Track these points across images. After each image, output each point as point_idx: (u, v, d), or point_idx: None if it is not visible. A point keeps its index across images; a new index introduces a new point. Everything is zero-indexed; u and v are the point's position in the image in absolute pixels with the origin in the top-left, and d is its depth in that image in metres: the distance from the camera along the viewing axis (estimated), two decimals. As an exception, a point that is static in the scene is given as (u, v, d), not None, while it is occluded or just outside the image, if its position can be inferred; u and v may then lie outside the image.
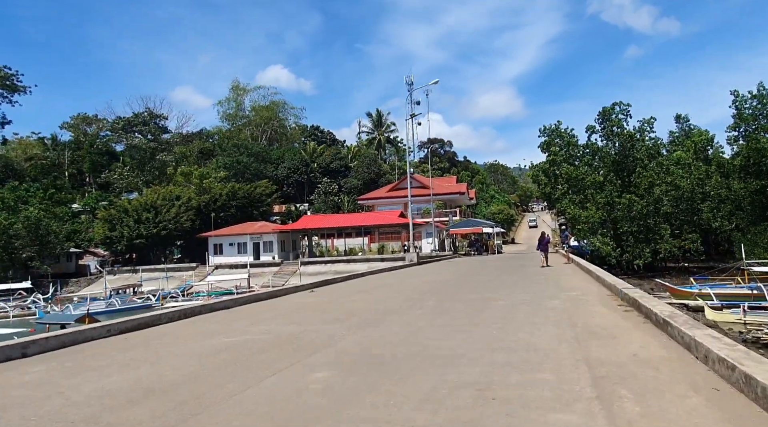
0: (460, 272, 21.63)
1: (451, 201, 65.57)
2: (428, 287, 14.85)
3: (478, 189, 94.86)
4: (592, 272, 15.34)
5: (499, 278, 16.99)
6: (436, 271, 22.98)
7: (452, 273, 20.71)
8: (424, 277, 19.70)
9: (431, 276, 19.52)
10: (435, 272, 22.30)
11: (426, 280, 17.70)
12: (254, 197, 63.49)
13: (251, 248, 54.65)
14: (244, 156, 71.20)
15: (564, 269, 19.98)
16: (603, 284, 12.37)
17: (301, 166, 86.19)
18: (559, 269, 20.83)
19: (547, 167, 40.03)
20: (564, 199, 38.39)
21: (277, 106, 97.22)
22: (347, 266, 46.45)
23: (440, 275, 19.54)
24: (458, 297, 11.82)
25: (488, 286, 14.43)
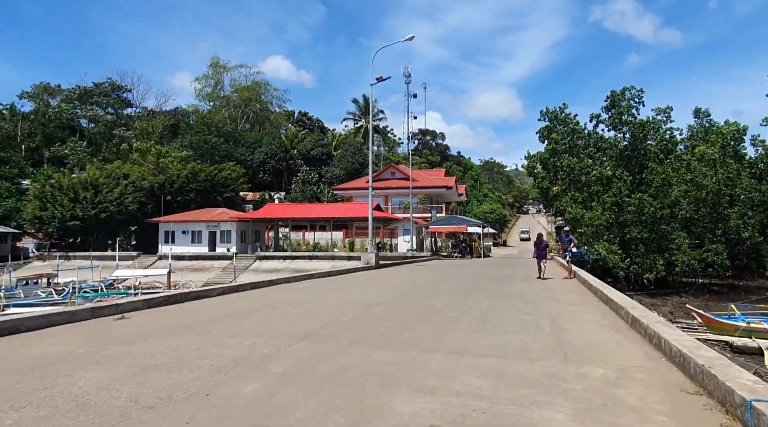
0: (417, 284, 15.29)
1: (437, 196, 59.21)
2: (345, 314, 8.49)
3: (470, 186, 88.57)
4: (616, 303, 9.00)
5: (464, 301, 10.65)
6: (387, 281, 16.63)
7: (404, 286, 14.38)
8: (361, 290, 13.41)
9: (370, 292, 13.24)
10: (383, 283, 15.97)
11: (354, 298, 11.40)
12: (218, 181, 56.92)
13: (207, 238, 48.21)
14: (213, 136, 64.46)
15: (566, 289, 13.67)
16: (649, 338, 5.97)
17: (280, 151, 79.74)
18: (558, 287, 14.52)
19: (546, 158, 33.71)
20: (564, 196, 32.08)
21: (259, 86, 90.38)
22: (309, 263, 40.09)
23: (382, 291, 13.22)
24: (358, 352, 5.42)
25: (435, 321, 8.07)
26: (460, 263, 31.71)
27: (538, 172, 34.76)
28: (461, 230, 40.91)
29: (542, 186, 33.92)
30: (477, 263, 30.43)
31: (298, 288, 13.82)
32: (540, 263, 18.65)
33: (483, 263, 30.56)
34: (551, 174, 33.86)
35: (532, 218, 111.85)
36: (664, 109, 33.47)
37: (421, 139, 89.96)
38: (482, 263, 30.59)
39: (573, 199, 31.43)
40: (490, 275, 19.31)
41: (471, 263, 31.82)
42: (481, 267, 25.49)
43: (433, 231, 40.35)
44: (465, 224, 38.96)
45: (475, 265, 28.01)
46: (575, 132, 33.48)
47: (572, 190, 31.69)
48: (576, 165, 31.09)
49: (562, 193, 32.32)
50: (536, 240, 19.46)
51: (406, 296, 11.81)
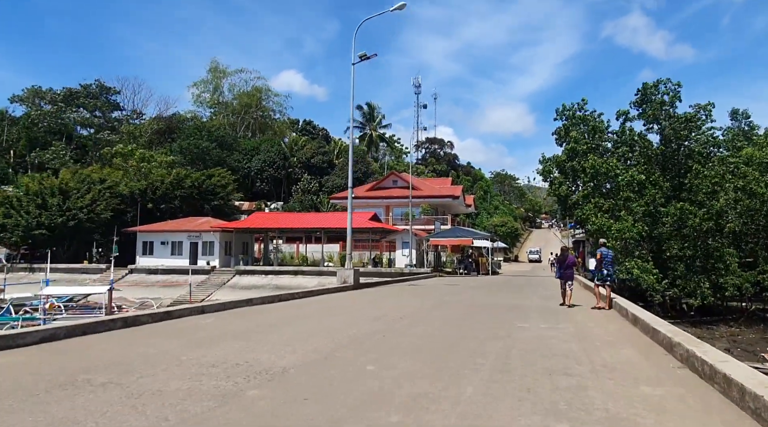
0: (387, 318, 10.57)
1: (442, 206, 54.42)
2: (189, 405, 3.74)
3: (480, 198, 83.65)
4: (736, 384, 4.16)
5: (438, 372, 5.80)
6: (347, 313, 11.97)
7: (362, 325, 9.71)
8: (288, 332, 8.74)
9: (299, 335, 8.52)
10: (339, 317, 11.32)
11: (252, 357, 6.60)
12: (206, 188, 52.67)
13: (188, 249, 43.78)
14: (204, 140, 60.41)
15: (612, 336, 8.81)
16: None
17: (279, 159, 75.66)
18: (597, 328, 9.70)
19: (563, 160, 28.87)
20: (586, 204, 27.16)
21: (260, 92, 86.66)
22: (293, 279, 35.48)
23: (320, 334, 8.52)
24: None
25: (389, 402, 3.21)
26: (462, 281, 26.81)
27: (555, 178, 29.90)
28: (466, 243, 36.06)
29: (559, 193, 29.03)
30: (482, 283, 25.52)
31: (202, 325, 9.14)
32: (564, 286, 13.94)
33: (489, 283, 25.64)
34: (570, 179, 28.98)
35: (547, 232, 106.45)
36: (704, 105, 28.53)
37: (428, 148, 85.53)
38: (488, 283, 25.67)
39: (597, 208, 26.51)
40: (494, 303, 14.46)
41: (476, 282, 26.91)
42: (486, 289, 20.60)
43: (435, 244, 35.61)
44: (471, 237, 34.16)
45: (480, 285, 23.12)
46: (597, 130, 28.63)
47: (596, 197, 26.77)
48: (602, 167, 26.21)
49: (583, 200, 27.39)
50: (559, 255, 14.73)
51: (347, 348, 7.05)
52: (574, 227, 31.24)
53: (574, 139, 27.79)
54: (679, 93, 27.67)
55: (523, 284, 24.46)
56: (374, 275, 33.37)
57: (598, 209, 26.52)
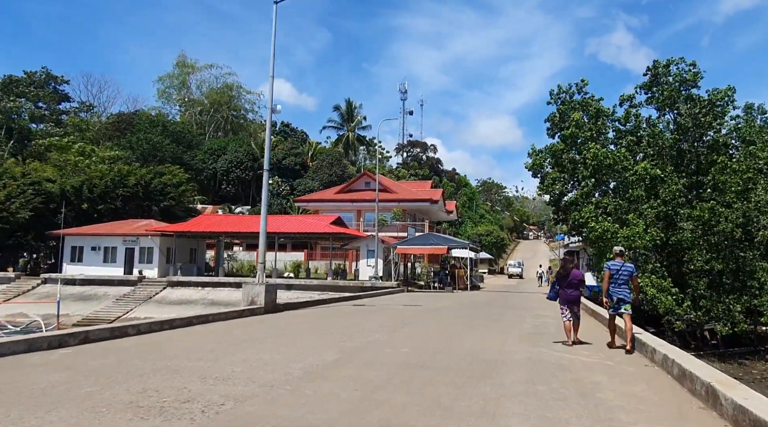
0: (240, 394, 4.67)
1: (419, 212, 48.93)
2: None
3: (464, 205, 78.38)
4: None
5: None
6: (221, 359, 6.07)
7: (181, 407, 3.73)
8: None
9: None
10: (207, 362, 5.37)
11: None
12: (155, 187, 46.70)
13: (123, 255, 37.76)
14: (158, 135, 54.48)
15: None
16: None
17: (247, 160, 69.92)
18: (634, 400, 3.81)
19: (560, 150, 23.57)
20: (586, 205, 21.79)
21: (230, 89, 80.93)
22: (233, 293, 29.64)
23: None
24: None
25: None
26: (429, 300, 21.13)
27: (548, 174, 24.53)
28: (439, 252, 30.48)
29: (552, 190, 23.66)
30: (454, 302, 19.87)
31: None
32: (568, 313, 8.54)
33: (462, 303, 20.00)
34: (567, 174, 23.64)
35: (536, 243, 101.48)
36: (725, 89, 23.40)
37: (411, 151, 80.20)
38: (461, 303, 20.04)
39: (599, 209, 21.17)
40: (451, 349, 8.74)
41: (447, 301, 21.27)
42: (454, 314, 15.00)
43: (402, 252, 30.04)
44: (446, 244, 28.58)
45: (449, 307, 17.48)
46: (601, 115, 23.38)
47: (599, 196, 21.44)
48: (606, 157, 20.90)
49: (582, 199, 22.02)
50: (560, 269, 9.29)
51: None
52: (569, 234, 25.82)
53: (575, 124, 22.45)
54: (700, 73, 22.54)
55: (504, 306, 18.89)
56: (328, 289, 27.77)
57: (600, 211, 21.15)
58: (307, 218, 38.23)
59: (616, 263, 8.64)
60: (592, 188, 21.92)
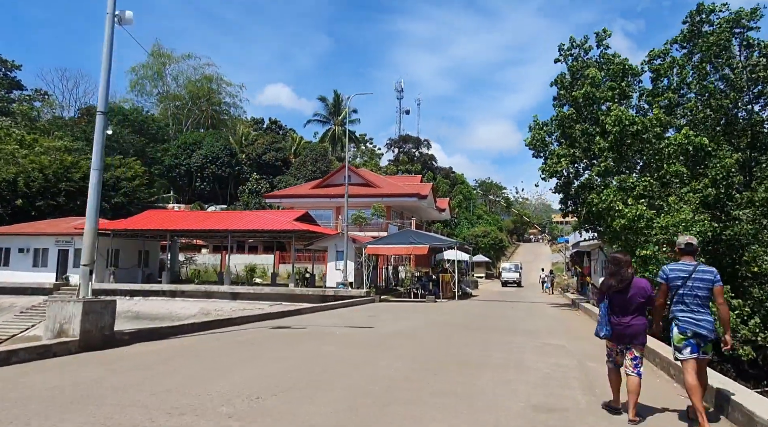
0: None
1: (405, 208, 43.40)
2: None
3: (460, 205, 72.87)
4: None
5: None
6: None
7: None
8: None
9: None
10: None
11: None
12: (106, 182, 41.18)
13: (56, 258, 32.24)
14: (116, 125, 49.02)
15: None
16: None
17: (224, 155, 64.43)
18: None
19: (569, 119, 18.08)
20: (606, 187, 16.28)
21: (210, 80, 75.64)
22: (168, 303, 24.16)
23: None
24: None
25: None
26: (387, 319, 15.43)
27: (553, 151, 18.97)
28: (419, 252, 24.83)
29: (558, 171, 18.13)
30: (422, 324, 14.20)
31: None
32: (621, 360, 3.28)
33: (433, 324, 14.32)
34: (579, 149, 18.14)
35: (538, 246, 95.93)
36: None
37: (402, 147, 74.67)
38: (432, 323, 14.36)
39: (623, 189, 15.68)
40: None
41: (413, 319, 15.61)
42: (406, 353, 9.29)
43: (373, 252, 24.34)
44: (427, 243, 22.89)
45: (406, 335, 11.68)
46: (628, 72, 17.91)
47: (624, 173, 15.97)
48: (635, 122, 15.44)
49: (602, 177, 16.52)
50: (611, 276, 3.49)
51: None
52: (582, 227, 20.19)
53: (591, 82, 16.98)
54: (760, 10, 17.06)
55: (494, 327, 13.30)
56: (282, 299, 22.33)
57: (624, 193, 15.65)
58: (267, 214, 32.72)
59: (681, 267, 4.55)
60: (612, 165, 16.41)
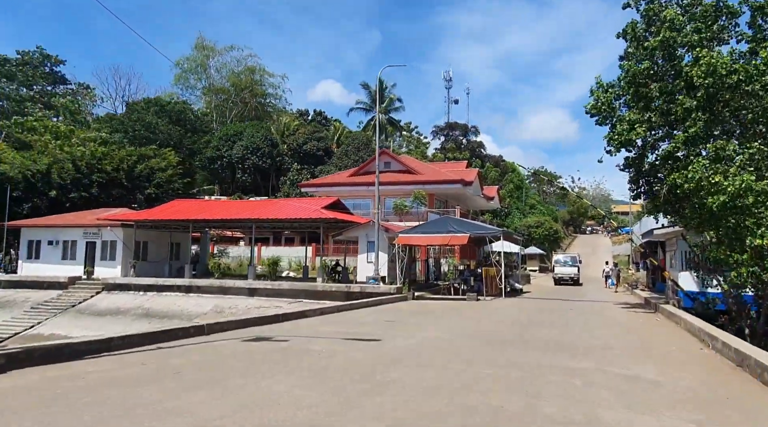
0: None
1: (450, 196, 40.08)
2: None
3: (510, 193, 68.52)
4: None
5: None
6: None
7: None
8: None
9: None
10: None
11: None
12: (139, 173, 40.24)
13: (84, 250, 31.17)
14: (151, 115, 48.17)
15: None
16: None
17: (265, 146, 62.95)
18: None
19: (643, 74, 14.31)
20: (697, 155, 12.52)
21: (252, 72, 74.57)
22: (181, 300, 22.11)
23: None
24: None
25: None
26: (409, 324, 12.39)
27: (622, 117, 15.21)
28: (458, 243, 21.41)
29: (630, 139, 14.40)
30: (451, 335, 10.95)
31: None
32: None
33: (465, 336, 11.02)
34: (656, 113, 14.37)
35: (596, 237, 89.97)
36: None
37: (448, 134, 70.91)
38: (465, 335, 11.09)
39: (721, 161, 11.91)
40: None
41: (441, 327, 12.46)
42: (369, 413, 6.28)
43: (405, 243, 21.19)
44: (467, 232, 19.57)
45: (423, 353, 8.56)
46: (723, 12, 13.96)
47: (717, 139, 12.19)
48: (735, 72, 11.65)
49: (687, 148, 12.77)
50: None
51: None
52: (658, 211, 16.28)
53: (670, 25, 13.23)
54: None
55: (547, 343, 10.03)
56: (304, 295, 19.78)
57: (721, 164, 11.88)
58: (295, 202, 30.29)
59: None
60: (702, 129, 12.62)
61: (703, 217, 12.90)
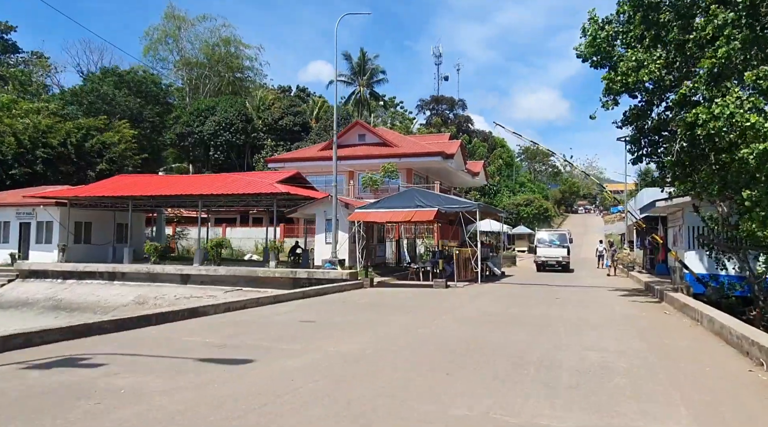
0: None
1: (429, 171, 36.79)
2: None
3: (499, 169, 65.40)
4: None
5: None
6: None
7: None
8: None
9: None
10: None
11: None
12: (89, 148, 36.58)
13: (17, 232, 27.72)
14: (108, 85, 44.23)
15: None
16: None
17: (239, 121, 59.11)
18: None
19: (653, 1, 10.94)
20: (727, 91, 9.23)
21: (227, 44, 70.26)
22: (103, 288, 18.81)
23: None
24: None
25: None
26: (300, 340, 9.27)
27: (624, 57, 11.87)
28: (423, 219, 17.87)
29: (639, 80, 11.11)
30: (371, 347, 7.92)
31: None
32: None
33: (399, 344, 7.99)
34: (669, 47, 11.09)
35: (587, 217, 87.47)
36: None
37: (434, 108, 67.33)
38: (398, 343, 8.06)
39: (755, 92, 8.64)
40: None
41: (377, 331, 9.35)
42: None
43: (361, 219, 17.65)
44: (436, 206, 16.20)
45: (249, 414, 5.54)
46: None
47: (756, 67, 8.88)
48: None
49: (715, 83, 9.50)
50: None
51: None
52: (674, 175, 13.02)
53: None
54: None
55: (520, 358, 6.85)
56: (244, 282, 16.60)
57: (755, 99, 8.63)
58: (248, 176, 26.89)
59: None
60: (738, 52, 9.34)
61: (727, 178, 9.74)
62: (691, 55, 10.96)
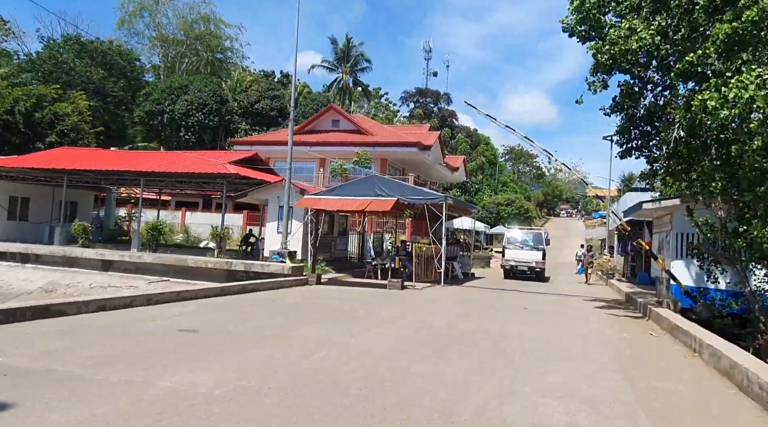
0: None
1: (405, 163, 34.72)
2: None
3: (481, 167, 63.68)
4: None
5: None
6: None
7: None
8: None
9: None
10: None
11: None
12: (42, 119, 33.79)
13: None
14: (69, 53, 41.27)
15: None
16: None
17: (213, 102, 56.40)
18: None
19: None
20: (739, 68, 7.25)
21: (207, 22, 67.37)
22: (11, 272, 16.37)
23: None
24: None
25: None
26: (142, 368, 7.15)
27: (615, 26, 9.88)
28: (381, 209, 15.64)
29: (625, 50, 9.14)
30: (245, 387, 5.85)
31: None
32: None
33: (278, 385, 5.93)
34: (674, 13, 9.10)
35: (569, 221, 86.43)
36: None
37: (418, 101, 65.20)
38: (282, 380, 6.00)
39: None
40: None
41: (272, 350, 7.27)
42: None
43: (311, 207, 15.50)
44: (396, 195, 14.21)
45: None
46: None
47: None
48: None
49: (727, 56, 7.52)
50: None
51: None
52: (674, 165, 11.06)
53: None
54: None
55: (452, 416, 4.71)
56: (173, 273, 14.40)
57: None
58: (199, 155, 24.46)
59: None
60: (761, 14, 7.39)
61: (738, 173, 7.82)
62: (698, 26, 9.01)
